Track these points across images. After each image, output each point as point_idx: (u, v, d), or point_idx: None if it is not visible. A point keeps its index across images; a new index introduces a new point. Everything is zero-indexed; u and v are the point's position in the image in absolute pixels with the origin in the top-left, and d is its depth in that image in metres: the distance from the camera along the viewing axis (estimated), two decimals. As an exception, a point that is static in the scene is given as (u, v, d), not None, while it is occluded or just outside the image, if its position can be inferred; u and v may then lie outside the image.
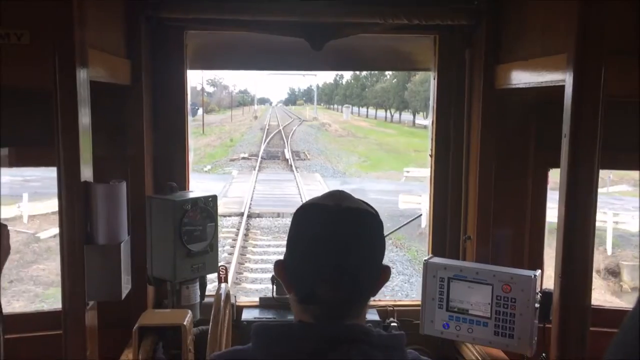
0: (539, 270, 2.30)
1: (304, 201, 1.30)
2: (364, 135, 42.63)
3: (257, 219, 15.00)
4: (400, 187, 19.97)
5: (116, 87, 2.40)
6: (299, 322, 1.19)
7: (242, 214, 14.88)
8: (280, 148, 32.79)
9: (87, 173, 1.88)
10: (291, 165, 25.70)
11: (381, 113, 64.61)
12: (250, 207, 15.82)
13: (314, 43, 2.63)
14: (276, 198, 17.88)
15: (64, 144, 1.80)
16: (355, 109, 73.94)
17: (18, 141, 2.43)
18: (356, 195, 1.25)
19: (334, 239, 1.15)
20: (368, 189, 19.79)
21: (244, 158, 28.69)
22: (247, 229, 13.65)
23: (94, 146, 1.93)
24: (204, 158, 28.77)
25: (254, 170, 24.09)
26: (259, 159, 27.60)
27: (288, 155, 29.13)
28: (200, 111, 47.21)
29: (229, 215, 14.91)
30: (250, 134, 43.07)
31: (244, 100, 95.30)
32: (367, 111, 71.39)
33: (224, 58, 2.97)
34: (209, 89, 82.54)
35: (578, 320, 1.85)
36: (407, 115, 56.74)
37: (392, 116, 60.61)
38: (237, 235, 12.78)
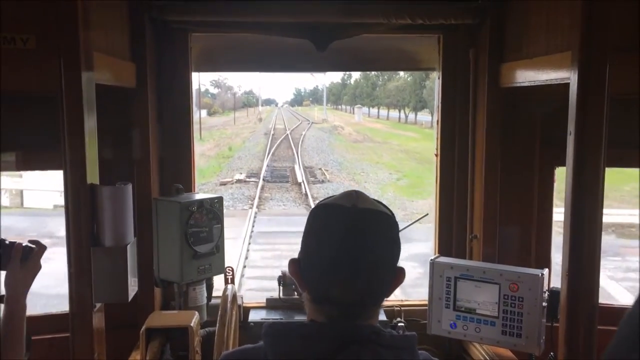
0: (546, 269, 2.29)
1: None
2: (384, 140, 36.22)
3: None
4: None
5: (122, 90, 2.42)
6: (311, 322, 1.19)
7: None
8: (289, 163, 24.81)
9: (93, 175, 1.89)
10: (306, 194, 16.86)
11: (394, 113, 61.46)
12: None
13: (318, 44, 2.64)
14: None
15: (70, 147, 1.81)
16: (365, 109, 71.39)
17: (25, 145, 2.44)
18: None
19: (350, 240, 1.14)
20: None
21: (239, 181, 19.83)
22: None
23: (99, 149, 1.94)
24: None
25: (251, 208, 15.03)
26: (260, 182, 19.06)
27: (300, 175, 20.24)
28: (198, 114, 43.78)
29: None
30: (252, 141, 35.93)
31: (248, 102, 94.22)
32: (379, 112, 67.85)
33: (229, 60, 2.98)
34: (213, 90, 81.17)
35: (586, 318, 1.84)
36: (422, 116, 53.45)
37: (406, 117, 57.17)
38: None
